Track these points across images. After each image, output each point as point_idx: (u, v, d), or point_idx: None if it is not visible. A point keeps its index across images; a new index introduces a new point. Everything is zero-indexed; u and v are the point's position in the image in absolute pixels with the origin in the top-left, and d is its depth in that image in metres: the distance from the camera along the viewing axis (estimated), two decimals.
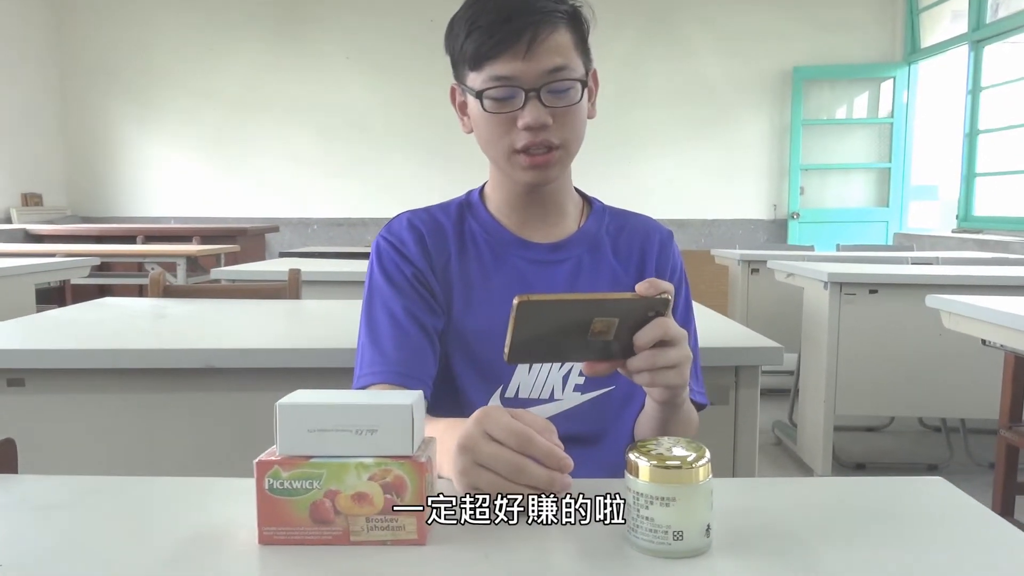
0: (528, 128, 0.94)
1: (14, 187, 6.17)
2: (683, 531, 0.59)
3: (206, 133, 6.80)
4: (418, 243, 1.02)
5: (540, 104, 0.93)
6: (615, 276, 1.05)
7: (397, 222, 1.06)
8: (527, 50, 0.92)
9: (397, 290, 1.00)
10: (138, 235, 5.25)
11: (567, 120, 0.96)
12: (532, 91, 0.93)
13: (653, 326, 0.75)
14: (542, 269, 1.03)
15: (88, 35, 6.74)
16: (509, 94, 0.94)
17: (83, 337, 1.53)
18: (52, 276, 3.18)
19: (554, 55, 0.93)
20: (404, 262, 1.02)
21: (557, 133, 0.95)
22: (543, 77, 0.93)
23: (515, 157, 0.97)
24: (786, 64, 6.83)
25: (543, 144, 0.95)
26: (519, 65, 0.92)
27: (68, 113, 6.77)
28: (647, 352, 0.75)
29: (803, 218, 6.99)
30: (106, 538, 0.65)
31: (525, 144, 0.95)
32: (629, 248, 1.07)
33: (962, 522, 0.67)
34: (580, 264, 1.04)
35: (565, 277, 1.03)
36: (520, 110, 0.94)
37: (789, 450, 3.30)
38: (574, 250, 1.05)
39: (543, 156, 0.96)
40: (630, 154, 6.93)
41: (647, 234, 1.09)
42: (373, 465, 0.62)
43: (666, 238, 1.10)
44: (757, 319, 4.03)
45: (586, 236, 1.06)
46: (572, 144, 0.98)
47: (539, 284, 1.02)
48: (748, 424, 1.43)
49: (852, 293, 2.84)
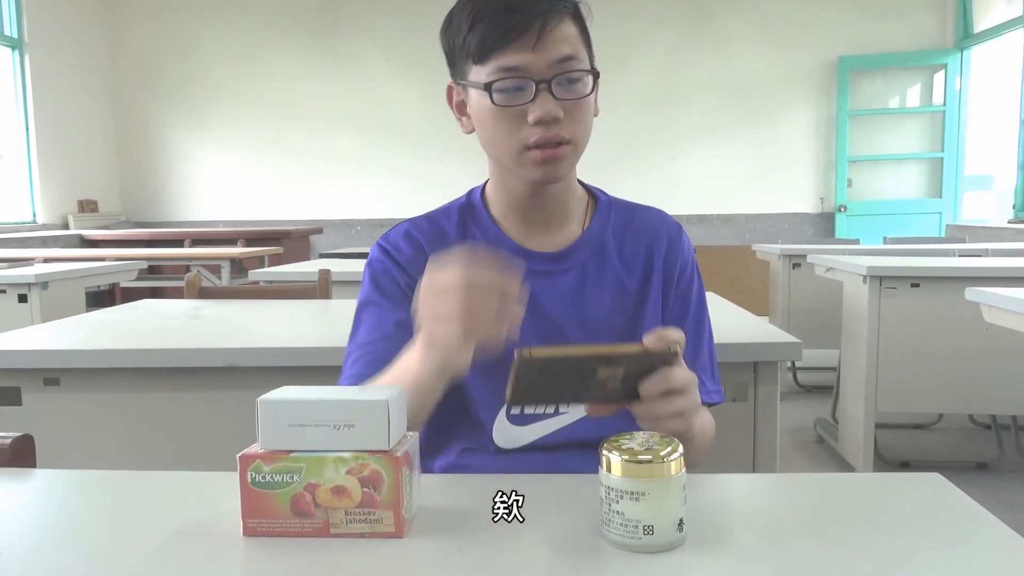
0: (540, 122, 0.90)
1: (71, 194, 6.40)
2: (653, 525, 0.59)
3: (252, 138, 6.97)
4: (416, 252, 1.00)
5: (551, 96, 0.90)
6: (621, 284, 1.01)
7: (395, 232, 1.03)
8: (536, 40, 0.89)
9: (389, 300, 0.97)
10: (186, 239, 5.40)
11: (577, 114, 0.93)
12: (543, 82, 0.90)
13: (659, 379, 0.73)
14: (545, 281, 0.99)
15: (138, 46, 6.96)
16: (519, 85, 0.90)
17: (116, 338, 1.58)
18: (101, 280, 3.29)
19: (563, 45, 0.90)
20: (400, 272, 0.99)
21: (568, 128, 0.92)
22: (553, 68, 0.90)
23: (525, 154, 0.93)
24: (831, 54, 6.68)
25: (554, 139, 0.91)
26: (528, 56, 0.89)
27: (121, 121, 7.00)
28: (652, 402, 0.74)
29: (851, 211, 6.82)
30: (101, 529, 0.68)
31: (537, 140, 0.91)
32: (635, 247, 1.03)
33: (953, 519, 0.66)
34: (585, 271, 1.01)
35: (569, 288, 1.00)
36: (530, 103, 0.90)
37: (831, 448, 3.23)
38: (578, 258, 1.01)
39: (553, 150, 0.92)
40: (671, 150, 6.87)
41: (655, 230, 1.05)
42: (351, 459, 0.63)
43: (674, 232, 1.06)
44: (799, 315, 3.95)
45: (591, 240, 1.02)
46: (581, 141, 0.95)
47: (543, 296, 0.98)
48: (768, 421, 1.41)
49: (893, 287, 2.77)
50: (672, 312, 1.02)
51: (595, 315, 0.99)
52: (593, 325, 0.98)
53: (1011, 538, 0.61)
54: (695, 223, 6.97)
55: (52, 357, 1.44)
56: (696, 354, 1.02)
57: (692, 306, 1.04)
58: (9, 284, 2.93)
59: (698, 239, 6.92)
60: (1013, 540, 0.60)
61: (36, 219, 6.06)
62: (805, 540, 0.62)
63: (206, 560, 0.61)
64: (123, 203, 7.06)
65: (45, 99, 6.04)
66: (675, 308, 1.03)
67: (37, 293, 2.95)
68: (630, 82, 6.84)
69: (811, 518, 0.66)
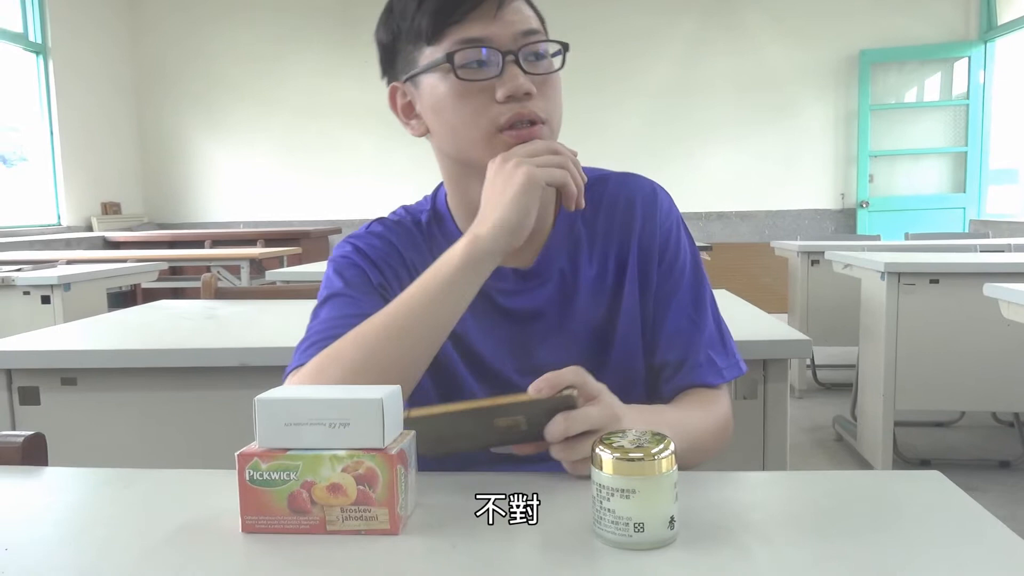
0: (510, 98, 0.82)
1: (95, 196, 6.50)
2: (644, 523, 0.59)
3: (271, 138, 7.03)
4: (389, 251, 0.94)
5: (520, 70, 0.83)
6: (597, 280, 0.95)
7: (367, 230, 0.97)
8: (497, 9, 0.82)
9: (358, 292, 0.90)
10: (206, 240, 5.46)
11: (548, 92, 0.85)
12: (509, 54, 0.82)
13: (556, 426, 0.70)
14: (518, 299, 0.94)
15: (160, 50, 7.05)
16: (483, 58, 0.83)
17: (131, 338, 1.61)
18: (122, 281, 3.34)
19: (526, 18, 0.85)
20: (372, 268, 0.92)
21: (540, 105, 0.84)
22: (519, 39, 0.83)
23: (497, 138, 0.84)
24: (852, 48, 6.60)
25: (528, 117, 0.83)
26: (491, 26, 0.82)
27: (143, 125, 7.09)
28: (558, 447, 0.71)
29: (873, 207, 6.75)
30: (105, 524, 0.69)
31: (509, 118, 0.83)
32: (608, 233, 0.95)
33: (950, 518, 0.65)
34: (563, 280, 0.94)
35: (544, 302, 0.94)
36: (497, 78, 0.83)
37: (850, 446, 3.20)
38: (552, 267, 0.94)
39: (528, 129, 0.84)
40: (689, 144, 6.83)
41: (627, 203, 0.96)
42: (346, 457, 0.64)
43: (648, 199, 0.96)
44: (817, 312, 3.93)
45: (561, 240, 0.95)
46: (556, 122, 0.87)
47: (518, 312, 0.94)
48: (778, 418, 1.40)
49: (911, 283, 2.74)
50: (660, 291, 0.95)
51: (571, 326, 0.94)
52: (569, 337, 0.94)
53: (1008, 538, 0.60)
54: (714, 220, 6.94)
55: (69, 357, 1.47)
56: (695, 331, 0.94)
57: (684, 278, 0.95)
58: (33, 286, 2.99)
59: (717, 236, 6.88)
60: (1010, 540, 0.60)
61: (61, 221, 6.16)
62: (796, 538, 0.61)
63: (205, 556, 0.62)
64: (146, 205, 7.15)
65: (69, 104, 6.14)
66: (663, 286, 0.95)
67: (60, 294, 3.00)
68: (648, 75, 6.81)
69: (804, 516, 0.66)
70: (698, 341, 0.94)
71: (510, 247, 0.82)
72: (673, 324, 0.95)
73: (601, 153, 6.85)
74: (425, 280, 0.82)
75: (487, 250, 0.81)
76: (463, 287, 0.81)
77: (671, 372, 0.94)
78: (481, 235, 0.81)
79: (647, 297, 0.95)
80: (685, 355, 0.94)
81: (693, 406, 0.91)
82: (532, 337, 0.95)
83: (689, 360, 0.94)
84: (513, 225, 0.80)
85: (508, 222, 0.80)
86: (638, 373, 0.97)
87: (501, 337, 0.95)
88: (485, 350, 0.95)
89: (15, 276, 3.00)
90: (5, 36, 5.74)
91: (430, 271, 0.82)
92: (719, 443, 0.91)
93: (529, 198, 0.80)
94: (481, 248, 0.81)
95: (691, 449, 0.82)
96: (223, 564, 0.61)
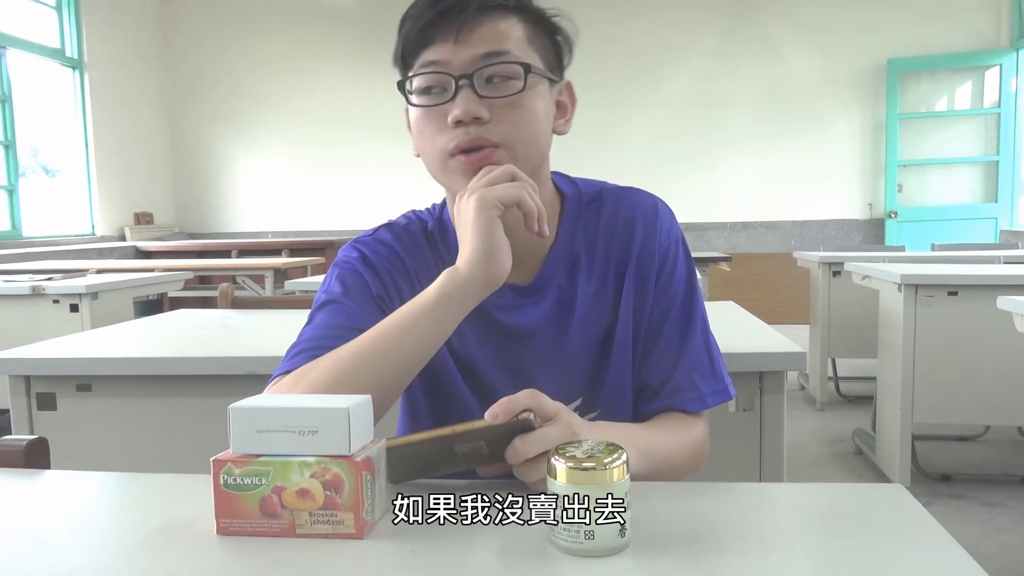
0: (459, 123, 0.83)
1: (128, 207, 6.66)
2: (594, 531, 0.61)
3: (299, 150, 7.15)
4: (394, 261, 0.95)
5: (474, 94, 0.83)
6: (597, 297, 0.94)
7: (374, 235, 0.98)
8: (457, 34, 0.82)
9: (355, 303, 0.91)
10: (233, 249, 5.57)
11: (508, 115, 0.84)
12: (463, 78, 0.82)
13: (512, 449, 0.71)
14: (517, 315, 0.94)
15: (191, 64, 7.22)
16: (438, 83, 0.84)
17: (144, 346, 1.66)
18: (148, 290, 3.42)
19: (492, 40, 0.83)
20: (375, 278, 0.93)
21: (495, 130, 0.83)
22: (475, 62, 0.83)
23: (449, 163, 0.86)
24: (879, 57, 6.55)
25: (476, 143, 0.83)
26: (449, 50, 0.82)
27: (175, 137, 7.26)
28: (519, 469, 0.72)
29: (902, 217, 6.67)
30: (89, 526, 0.73)
31: (459, 144, 0.84)
32: (608, 249, 0.95)
33: (903, 532, 0.66)
34: (561, 296, 0.94)
35: (541, 318, 0.94)
36: (451, 102, 0.83)
37: (869, 459, 3.17)
38: (552, 282, 0.94)
39: (478, 154, 0.84)
40: (713, 154, 6.81)
41: (627, 220, 0.95)
42: (314, 463, 0.67)
43: (649, 216, 0.95)
44: (839, 324, 3.89)
45: (562, 255, 0.95)
46: (517, 144, 0.85)
47: (515, 328, 0.94)
48: (774, 431, 1.40)
49: (930, 295, 2.71)
50: (654, 312, 0.95)
51: (568, 343, 0.94)
52: (566, 354, 0.94)
53: (959, 556, 0.60)
54: (739, 230, 6.90)
55: (83, 365, 1.52)
56: (681, 355, 0.93)
57: (677, 300, 0.95)
58: (62, 294, 3.08)
59: (742, 246, 6.84)
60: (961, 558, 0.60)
61: (95, 231, 6.32)
62: (743, 548, 0.63)
63: (178, 557, 0.65)
64: (177, 215, 7.31)
65: (103, 116, 6.31)
66: (657, 306, 0.95)
67: (87, 303, 3.08)
68: (671, 87, 6.81)
69: (756, 527, 0.67)
70: (684, 365, 0.94)
71: (493, 274, 0.83)
72: (661, 346, 0.95)
73: (625, 164, 6.86)
74: (406, 308, 0.84)
75: (463, 283, 0.82)
76: (440, 319, 0.83)
77: (652, 393, 0.95)
78: (458, 268, 0.83)
79: (641, 315, 0.95)
80: (668, 377, 0.94)
81: (665, 428, 0.91)
82: (529, 353, 0.95)
83: (671, 383, 0.94)
84: (484, 252, 0.82)
85: (476, 251, 0.82)
86: (631, 389, 0.98)
87: (498, 353, 0.96)
88: (483, 365, 0.96)
89: (45, 285, 3.10)
90: (43, 51, 5.92)
91: (413, 300, 0.85)
92: (688, 467, 0.92)
93: (486, 221, 0.81)
94: (456, 281, 0.83)
95: (656, 470, 0.83)
96: (195, 565, 0.64)
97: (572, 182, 1.00)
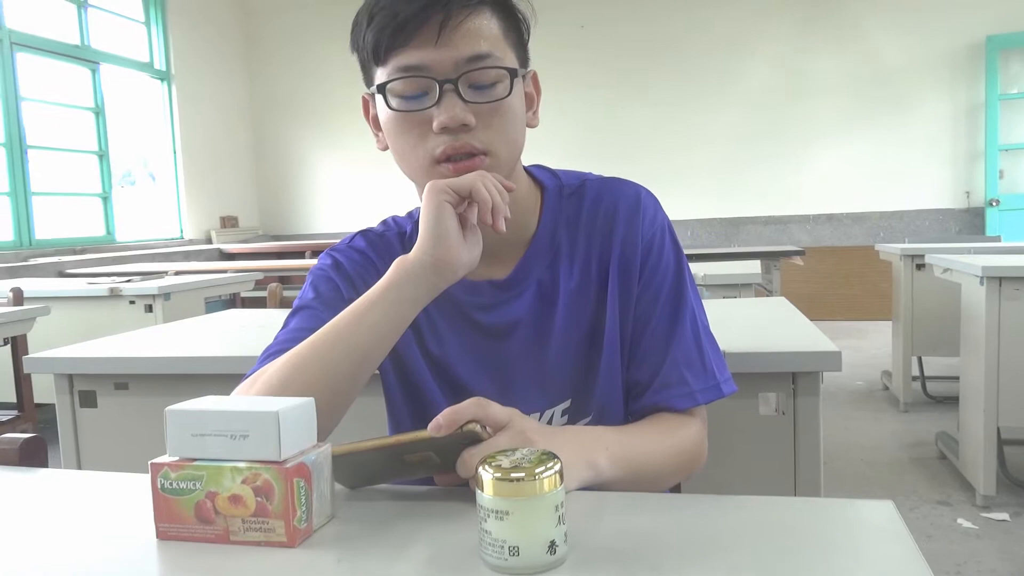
0: (445, 129, 0.80)
1: (215, 211, 6.94)
2: (519, 546, 0.57)
3: (374, 153, 7.27)
4: (367, 267, 0.94)
5: (459, 99, 0.80)
6: (579, 292, 0.90)
7: (349, 243, 0.98)
8: (439, 34, 0.78)
9: (327, 308, 0.89)
10: (307, 251, 5.71)
11: (494, 121, 0.81)
12: (448, 82, 0.79)
13: (461, 463, 0.69)
14: (495, 313, 0.91)
15: (273, 71, 7.46)
16: (421, 88, 0.80)
17: (181, 346, 1.70)
18: (218, 291, 3.54)
19: (474, 41, 0.79)
20: (347, 285, 0.92)
21: (481, 136, 0.81)
22: (461, 66, 0.79)
23: (435, 170, 0.82)
24: (976, 35, 6.13)
25: (464, 150, 0.80)
26: (430, 52, 0.79)
27: (258, 142, 7.52)
28: (472, 482, 0.67)
29: (1004, 205, 6.23)
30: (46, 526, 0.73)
31: (445, 150, 0.81)
32: (589, 241, 0.91)
33: (874, 555, 0.58)
34: (541, 290, 0.91)
35: (522, 313, 0.90)
36: (435, 107, 0.80)
37: (953, 465, 2.96)
38: (531, 277, 0.91)
39: (466, 162, 0.81)
40: (793, 146, 6.54)
41: (610, 211, 0.91)
42: (245, 469, 0.65)
43: (631, 206, 0.91)
44: (923, 320, 3.66)
45: (541, 250, 0.91)
46: (501, 150, 0.83)
47: (495, 326, 0.91)
48: (810, 437, 1.31)
49: (1017, 289, 2.50)
50: (640, 304, 0.90)
51: (551, 338, 0.91)
52: (548, 350, 0.91)
53: None
54: (823, 223, 6.60)
55: (120, 364, 1.57)
56: (668, 349, 0.88)
57: (663, 290, 0.89)
58: (137, 295, 3.22)
59: (826, 239, 6.55)
60: None
61: (183, 235, 6.61)
62: (690, 565, 0.57)
63: (113, 562, 0.64)
64: (260, 218, 7.57)
65: (190, 125, 6.60)
66: (643, 298, 0.90)
67: (161, 303, 3.22)
68: (749, 78, 6.58)
69: (710, 541, 0.61)
70: (672, 359, 0.88)
71: (441, 259, 0.80)
72: (648, 339, 0.90)
73: (702, 160, 6.68)
74: (358, 300, 0.83)
75: (409, 268, 0.81)
76: (391, 306, 0.81)
77: (640, 390, 0.90)
78: (406, 255, 0.82)
79: (628, 309, 0.91)
80: (655, 373, 0.88)
81: (648, 430, 0.86)
82: (510, 351, 0.92)
83: (658, 380, 0.88)
84: (432, 237, 0.80)
85: (424, 236, 0.80)
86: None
87: (478, 353, 0.93)
88: (462, 367, 0.93)
89: (123, 287, 3.25)
90: (134, 65, 6.24)
91: (367, 292, 0.83)
92: (677, 472, 0.86)
93: (434, 207, 0.79)
94: (404, 267, 0.81)
95: (635, 477, 0.78)
96: (127, 571, 0.63)
97: (553, 174, 0.97)
